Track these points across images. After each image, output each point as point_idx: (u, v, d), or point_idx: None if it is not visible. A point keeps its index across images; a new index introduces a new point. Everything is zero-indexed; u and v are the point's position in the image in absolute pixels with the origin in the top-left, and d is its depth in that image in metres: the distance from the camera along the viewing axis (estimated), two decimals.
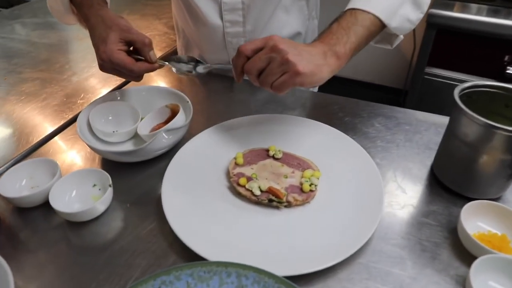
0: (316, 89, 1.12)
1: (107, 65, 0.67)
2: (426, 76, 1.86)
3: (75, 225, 0.60)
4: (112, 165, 0.71)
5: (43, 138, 0.80)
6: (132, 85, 0.92)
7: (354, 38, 0.62)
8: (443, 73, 1.80)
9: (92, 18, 0.70)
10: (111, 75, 0.70)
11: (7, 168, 0.66)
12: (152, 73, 1.03)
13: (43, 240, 0.59)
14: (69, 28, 1.34)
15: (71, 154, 0.75)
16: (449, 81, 1.77)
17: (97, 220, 0.61)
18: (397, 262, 0.53)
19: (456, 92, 0.58)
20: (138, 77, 0.70)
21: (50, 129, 0.83)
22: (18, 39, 1.31)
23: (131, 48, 0.70)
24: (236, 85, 0.97)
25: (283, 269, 0.49)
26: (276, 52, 0.56)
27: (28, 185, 0.66)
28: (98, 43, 0.67)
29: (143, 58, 0.68)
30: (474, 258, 0.50)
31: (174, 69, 0.73)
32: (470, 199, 0.59)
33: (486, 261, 0.48)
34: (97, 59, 0.68)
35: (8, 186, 0.63)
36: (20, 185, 0.65)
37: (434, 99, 1.89)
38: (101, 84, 1.01)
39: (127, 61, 0.66)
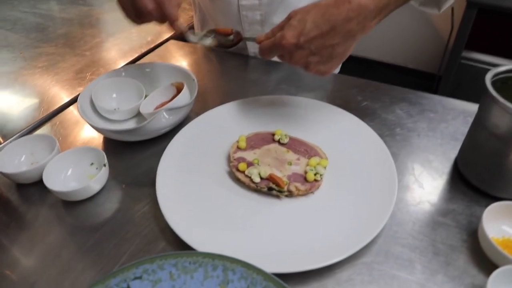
0: (337, 70, 1.04)
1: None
2: (463, 61, 1.73)
3: (69, 204, 0.58)
4: (114, 144, 0.69)
5: (48, 114, 0.78)
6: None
7: None
8: (482, 58, 1.66)
9: None
10: (124, 51, 0.65)
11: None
12: (166, 48, 1.00)
13: (37, 217, 0.57)
14: (88, 2, 1.33)
15: (74, 131, 0.73)
16: (488, 67, 1.63)
17: (92, 200, 0.59)
18: (405, 265, 0.47)
19: (489, 77, 0.50)
20: (163, 16, 0.62)
21: (57, 104, 0.81)
22: (39, 14, 1.31)
23: None
24: (251, 63, 0.92)
25: (275, 265, 0.45)
26: (323, 44, 0.54)
27: (28, 161, 0.64)
28: None
29: None
30: (495, 267, 0.44)
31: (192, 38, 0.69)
32: (496, 199, 0.52)
33: (507, 272, 0.42)
34: None
35: (6, 162, 0.62)
36: (19, 160, 0.64)
37: (470, 86, 1.76)
38: (114, 59, 0.99)
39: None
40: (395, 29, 2.25)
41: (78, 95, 0.71)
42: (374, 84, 0.80)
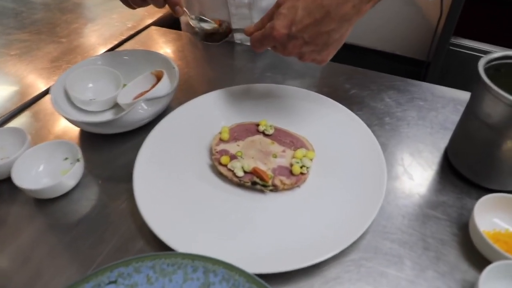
0: None
1: None
2: (451, 47, 1.71)
3: (42, 202, 0.55)
4: (90, 137, 0.65)
5: (21, 105, 0.74)
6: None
7: None
8: (471, 44, 1.65)
9: None
10: (104, 38, 0.60)
11: None
12: (148, 34, 0.96)
13: (7, 216, 0.54)
14: None
15: (48, 123, 0.69)
16: (477, 53, 1.62)
17: (66, 197, 0.56)
18: (394, 262, 0.45)
19: (482, 64, 0.48)
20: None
21: (31, 95, 0.77)
22: None
23: None
24: (237, 50, 0.88)
25: (259, 266, 0.42)
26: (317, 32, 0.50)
27: None
28: None
29: None
30: (486, 261, 0.42)
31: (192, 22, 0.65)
32: (488, 191, 0.51)
33: (499, 268, 0.40)
34: None
35: None
36: None
37: (459, 72, 1.75)
38: (92, 46, 0.94)
39: None
40: (383, 15, 2.21)
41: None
42: (362, 71, 0.78)
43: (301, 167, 0.53)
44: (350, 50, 2.32)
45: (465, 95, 0.69)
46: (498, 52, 0.51)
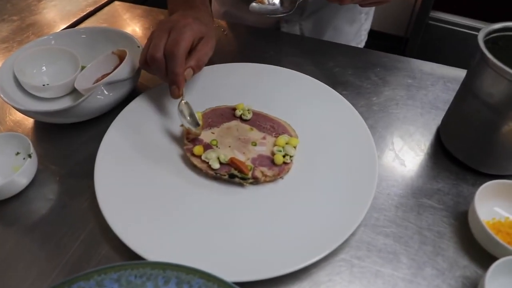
0: (364, 43, 0.95)
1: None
2: (430, 21, 1.68)
3: None
4: (45, 128, 0.58)
5: None
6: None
7: None
8: (451, 18, 1.61)
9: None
10: (62, 15, 0.53)
11: None
12: (112, 9, 0.87)
13: None
14: None
15: None
16: (457, 28, 1.59)
17: (19, 198, 0.49)
18: (390, 259, 0.41)
19: (481, 36, 0.43)
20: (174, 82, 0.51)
21: None
22: None
23: None
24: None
25: (240, 273, 0.38)
26: None
27: None
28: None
29: None
30: (487, 254, 0.39)
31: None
32: (485, 176, 0.47)
33: (506, 263, 0.36)
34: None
35: None
36: None
37: (438, 47, 1.72)
38: (48, 25, 0.84)
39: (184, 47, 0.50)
40: None
41: None
42: (345, 48, 0.72)
43: (283, 156, 0.48)
44: None
45: (455, 72, 0.65)
46: (496, 24, 0.46)
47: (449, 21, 1.65)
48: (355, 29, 0.87)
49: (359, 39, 0.91)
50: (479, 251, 0.41)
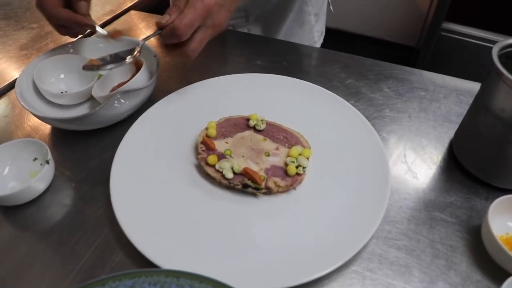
0: (319, 45, 0.96)
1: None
2: (443, 33, 1.67)
3: (8, 209, 0.49)
4: (63, 134, 0.59)
5: None
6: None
7: None
8: (463, 30, 1.61)
9: None
10: None
11: None
12: (127, 19, 0.88)
13: None
14: None
15: (16, 119, 0.63)
16: (469, 39, 1.59)
17: (35, 203, 0.50)
18: (402, 272, 0.41)
19: (495, 51, 0.43)
20: (64, 27, 0.57)
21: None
22: None
23: None
24: (229, 37, 0.81)
25: (252, 283, 0.38)
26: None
27: None
28: None
29: None
30: (500, 269, 0.38)
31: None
32: (498, 190, 0.47)
33: None
34: None
35: None
36: None
37: (450, 59, 1.72)
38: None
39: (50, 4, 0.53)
40: (372, 0, 2.16)
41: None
42: (358, 59, 0.73)
43: (297, 167, 0.48)
44: (338, 36, 2.26)
45: (468, 85, 0.65)
46: (511, 38, 0.46)
47: (462, 32, 1.64)
48: (306, 30, 0.91)
49: (312, 40, 0.94)
50: (492, 266, 0.41)
